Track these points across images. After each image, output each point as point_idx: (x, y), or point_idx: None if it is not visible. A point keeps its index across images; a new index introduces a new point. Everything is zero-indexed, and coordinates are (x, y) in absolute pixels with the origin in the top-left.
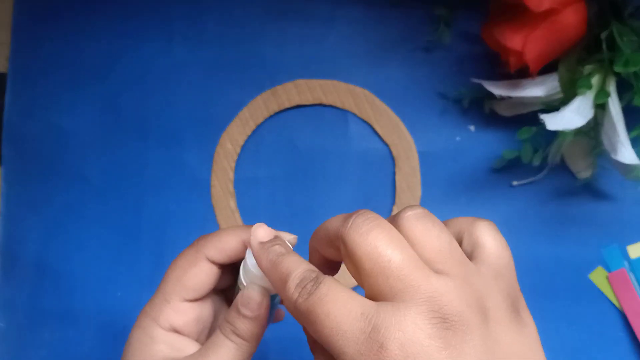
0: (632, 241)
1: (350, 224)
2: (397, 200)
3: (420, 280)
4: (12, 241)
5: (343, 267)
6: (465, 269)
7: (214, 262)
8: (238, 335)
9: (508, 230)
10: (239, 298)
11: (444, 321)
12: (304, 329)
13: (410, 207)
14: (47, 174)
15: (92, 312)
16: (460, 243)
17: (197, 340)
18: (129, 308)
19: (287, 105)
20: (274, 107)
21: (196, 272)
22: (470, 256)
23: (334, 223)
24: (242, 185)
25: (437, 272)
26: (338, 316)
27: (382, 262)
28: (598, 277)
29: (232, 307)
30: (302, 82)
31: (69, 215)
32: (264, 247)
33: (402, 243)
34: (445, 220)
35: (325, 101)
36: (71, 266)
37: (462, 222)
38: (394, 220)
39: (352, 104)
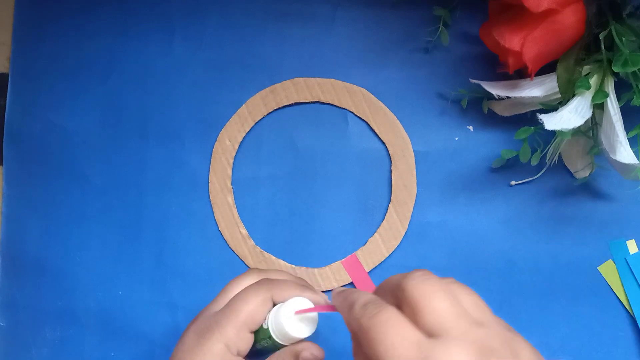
0: (633, 240)
1: (409, 276)
2: (393, 198)
3: (467, 326)
4: (13, 240)
5: None
6: (497, 320)
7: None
8: None
9: (506, 230)
10: (303, 354)
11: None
12: (354, 344)
13: (446, 278)
14: (48, 173)
15: (93, 311)
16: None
17: None
18: (130, 307)
19: (285, 102)
20: (273, 105)
21: (264, 310)
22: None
23: (395, 277)
24: (241, 183)
25: (476, 321)
26: (395, 340)
27: (434, 307)
28: (607, 269)
29: (287, 353)
30: (300, 81)
31: (69, 214)
32: (337, 292)
33: (451, 294)
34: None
35: (323, 99)
36: (72, 265)
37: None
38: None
39: (349, 102)
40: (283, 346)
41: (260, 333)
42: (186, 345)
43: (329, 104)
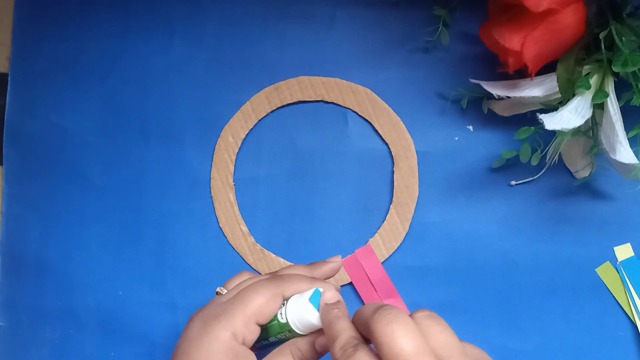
0: (631, 240)
1: (377, 314)
2: (394, 199)
3: None
4: (13, 240)
5: None
6: (464, 357)
7: (283, 299)
8: None
9: (506, 230)
10: (319, 339)
11: None
12: None
13: (422, 309)
14: (48, 173)
15: (93, 310)
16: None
17: None
18: (130, 306)
19: (289, 100)
20: (277, 103)
21: (274, 305)
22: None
23: (367, 310)
24: (242, 182)
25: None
26: None
27: (397, 349)
28: (605, 271)
29: (305, 340)
30: (304, 79)
31: (69, 213)
32: (327, 309)
33: (416, 334)
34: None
35: (327, 98)
36: (72, 265)
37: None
38: (411, 317)
39: (353, 101)
40: (300, 335)
41: (275, 327)
42: (192, 333)
43: (332, 103)
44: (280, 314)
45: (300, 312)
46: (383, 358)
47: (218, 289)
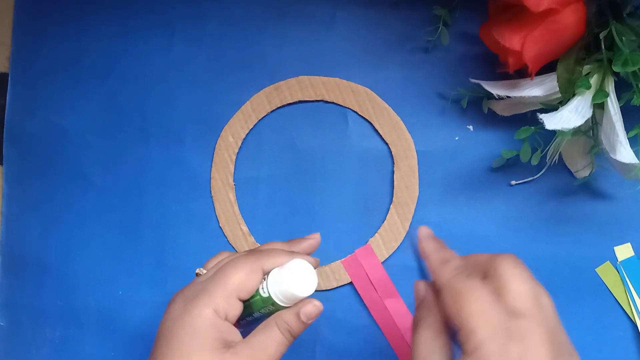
0: (631, 240)
1: (504, 258)
2: (394, 199)
3: (540, 313)
4: (13, 240)
5: None
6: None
7: (263, 273)
8: (290, 333)
9: (506, 230)
10: (304, 309)
11: (559, 348)
12: (419, 307)
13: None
14: (48, 173)
15: (93, 310)
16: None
17: None
18: (130, 306)
19: (289, 100)
20: (277, 102)
21: (254, 279)
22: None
23: (484, 255)
24: (242, 182)
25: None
26: (486, 305)
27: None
28: (605, 271)
29: (290, 311)
30: (305, 79)
31: (69, 213)
32: (428, 238)
33: (535, 284)
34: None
35: (327, 98)
36: (72, 265)
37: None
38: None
39: (353, 101)
40: (284, 308)
41: (258, 302)
42: (173, 313)
43: (333, 103)
44: (262, 288)
45: (282, 284)
46: (503, 294)
47: (198, 270)
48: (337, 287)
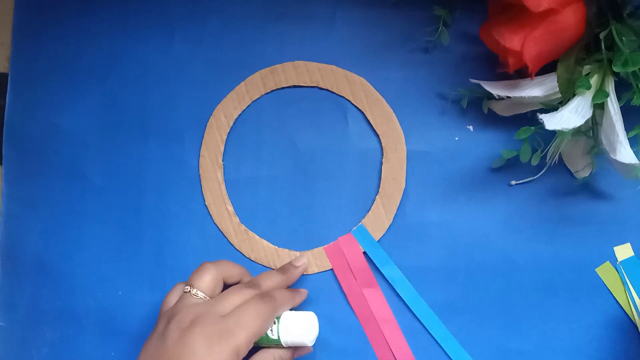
0: (631, 240)
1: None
2: (381, 190)
3: None
4: (12, 240)
5: None
6: None
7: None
8: None
9: (506, 230)
10: (299, 351)
11: None
12: None
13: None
14: (48, 173)
15: (93, 310)
16: None
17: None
18: (130, 306)
19: (284, 84)
20: (271, 85)
21: (270, 326)
22: None
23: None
24: (242, 182)
25: None
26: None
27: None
28: (605, 271)
29: (288, 351)
30: (301, 64)
31: (69, 214)
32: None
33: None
34: None
35: (322, 85)
36: (71, 265)
37: None
38: None
39: (347, 90)
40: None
41: (264, 340)
42: (196, 350)
43: (327, 90)
44: (271, 330)
45: (295, 337)
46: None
47: (187, 289)
48: (318, 273)
